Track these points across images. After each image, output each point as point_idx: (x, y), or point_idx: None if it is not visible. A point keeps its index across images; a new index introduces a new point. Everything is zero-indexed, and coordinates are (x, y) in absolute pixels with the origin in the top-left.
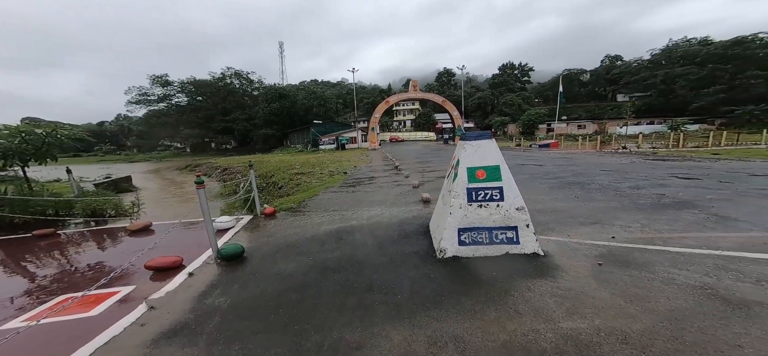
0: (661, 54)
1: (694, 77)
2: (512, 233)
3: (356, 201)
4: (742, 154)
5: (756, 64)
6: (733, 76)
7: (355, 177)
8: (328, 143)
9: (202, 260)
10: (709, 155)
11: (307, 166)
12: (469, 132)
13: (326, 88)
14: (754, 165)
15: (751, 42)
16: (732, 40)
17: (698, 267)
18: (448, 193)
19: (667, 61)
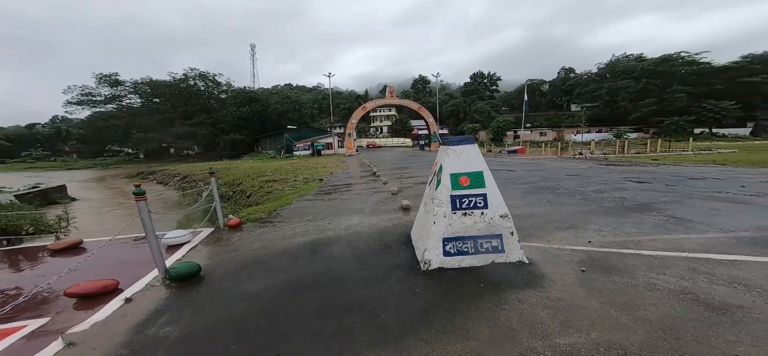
0: (606, 68)
1: (632, 90)
2: (497, 241)
3: (333, 210)
4: (676, 159)
5: (679, 80)
6: (662, 90)
7: (331, 184)
8: (303, 149)
9: (146, 283)
10: (650, 161)
11: (279, 173)
12: (452, 137)
13: (301, 92)
14: (688, 170)
15: (675, 60)
16: (660, 58)
17: (673, 270)
18: (431, 201)
19: (611, 74)
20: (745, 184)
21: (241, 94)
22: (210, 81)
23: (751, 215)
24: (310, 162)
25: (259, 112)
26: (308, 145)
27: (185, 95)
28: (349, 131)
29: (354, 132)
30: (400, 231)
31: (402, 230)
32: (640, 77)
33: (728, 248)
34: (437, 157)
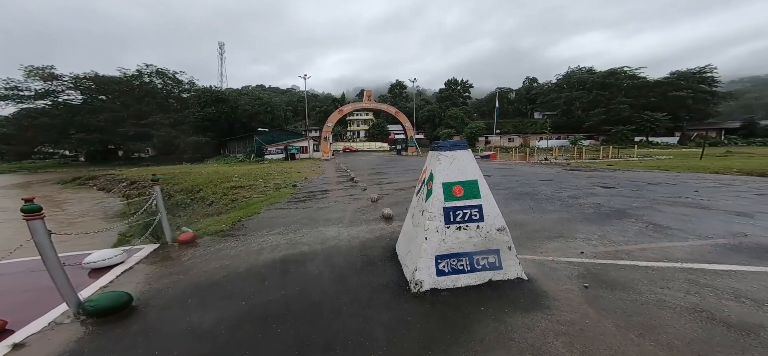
0: (563, 79)
1: (585, 100)
2: (494, 257)
3: (308, 220)
4: (626, 165)
5: (623, 92)
6: (610, 101)
7: (306, 190)
8: (276, 153)
9: (50, 320)
10: (605, 166)
11: (248, 178)
12: (443, 141)
13: (274, 94)
14: (642, 175)
15: (619, 74)
16: (607, 71)
17: (674, 283)
18: (421, 213)
19: (567, 85)
20: (697, 190)
21: (206, 93)
22: (169, 79)
23: (717, 221)
24: (283, 167)
25: (227, 113)
26: (281, 148)
27: (138, 93)
28: (325, 134)
29: (330, 136)
30: (384, 244)
31: (386, 243)
32: (591, 89)
33: (716, 257)
34: (427, 163)
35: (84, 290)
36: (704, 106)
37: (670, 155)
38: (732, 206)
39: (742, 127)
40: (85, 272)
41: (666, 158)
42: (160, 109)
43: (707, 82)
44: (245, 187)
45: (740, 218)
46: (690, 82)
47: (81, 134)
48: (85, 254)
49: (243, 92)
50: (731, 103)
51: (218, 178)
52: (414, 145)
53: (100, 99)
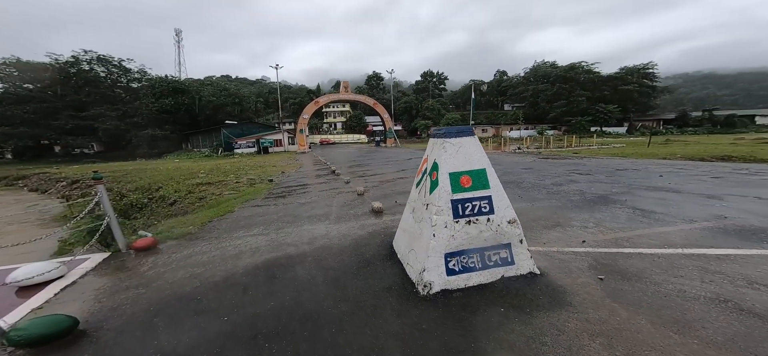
0: (530, 72)
1: (549, 93)
2: (506, 252)
3: (290, 217)
4: (589, 153)
5: (581, 86)
6: (570, 94)
7: (285, 185)
8: (247, 146)
9: None
10: (572, 154)
11: (217, 173)
12: (448, 127)
13: (242, 85)
14: (607, 162)
15: (578, 68)
16: (568, 66)
17: (685, 270)
18: (424, 207)
19: (534, 78)
20: (662, 174)
21: (162, 83)
22: (114, 67)
23: (694, 205)
24: (256, 161)
25: (188, 105)
26: (252, 142)
27: (76, 82)
28: (300, 126)
29: (306, 128)
30: (379, 241)
31: (381, 240)
32: (554, 82)
33: (710, 241)
34: (428, 152)
35: (9, 314)
36: (646, 99)
37: (623, 143)
38: (700, 190)
39: (676, 118)
40: (11, 291)
41: (620, 146)
42: (105, 100)
43: (649, 78)
44: (214, 183)
45: (712, 200)
46: (635, 77)
47: (4, 128)
48: (11, 270)
49: (206, 82)
50: (667, 96)
51: (181, 174)
52: (393, 136)
53: (25, 88)
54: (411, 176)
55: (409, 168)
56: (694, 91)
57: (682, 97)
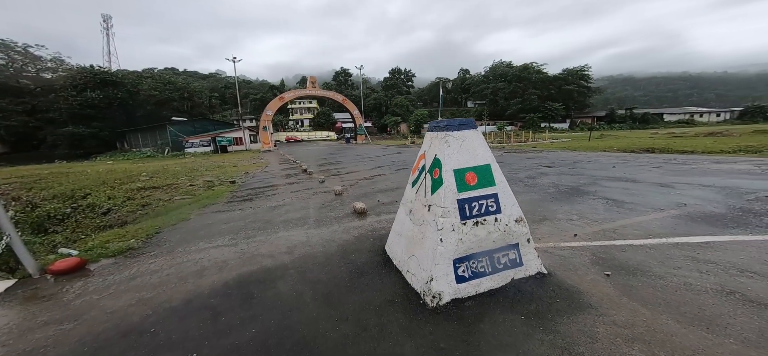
0: (490, 71)
1: (507, 91)
2: (514, 253)
3: (262, 223)
4: (544, 147)
5: (533, 85)
6: (524, 92)
7: (250, 187)
8: (201, 145)
9: None
10: (530, 148)
11: (164, 176)
12: (448, 120)
13: (192, 79)
14: (563, 155)
15: (530, 68)
16: (522, 66)
17: (677, 260)
18: (425, 209)
19: (493, 77)
20: (615, 165)
21: (84, 74)
22: (17, 54)
23: (654, 193)
24: (213, 161)
25: (122, 99)
26: (207, 140)
27: None
28: (264, 123)
29: (270, 125)
30: (369, 245)
31: (370, 244)
32: (511, 81)
33: (684, 229)
34: (425, 147)
35: None
36: (583, 98)
37: (569, 138)
38: (651, 179)
39: (606, 115)
40: None
41: (567, 140)
42: (6, 92)
43: (585, 79)
44: (161, 187)
45: (666, 188)
46: (575, 78)
47: None
48: None
49: (145, 74)
50: (598, 96)
51: (116, 178)
52: (363, 133)
53: None
54: (388, 173)
55: (384, 165)
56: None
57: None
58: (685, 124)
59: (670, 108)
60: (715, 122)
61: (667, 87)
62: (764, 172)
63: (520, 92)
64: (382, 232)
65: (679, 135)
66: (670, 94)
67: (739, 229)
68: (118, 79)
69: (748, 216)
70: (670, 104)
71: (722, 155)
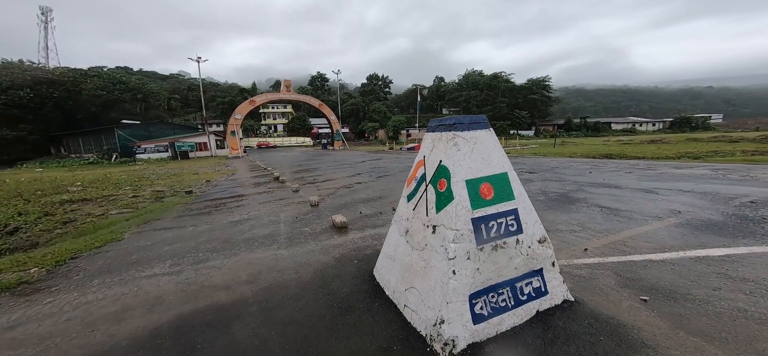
0: (463, 79)
1: (478, 99)
2: (538, 280)
3: (219, 242)
4: (517, 153)
5: (502, 93)
6: (494, 100)
7: (211, 197)
8: (156, 151)
9: None
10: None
11: (103, 186)
12: (456, 116)
13: (149, 79)
14: (538, 160)
15: (499, 77)
16: (492, 75)
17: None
18: (429, 230)
19: (466, 85)
20: (591, 170)
21: (11, 69)
22: None
23: (644, 200)
24: (170, 168)
25: (59, 99)
26: (164, 145)
27: None
28: (232, 128)
29: (239, 130)
30: (353, 269)
31: (355, 268)
32: (482, 89)
33: (694, 240)
34: (425, 152)
35: None
36: (545, 107)
37: (536, 144)
38: (631, 185)
39: (564, 123)
40: None
41: (535, 146)
42: None
43: (547, 89)
44: (95, 199)
45: (651, 195)
46: (538, 88)
47: None
48: None
49: (91, 73)
50: (557, 106)
51: (40, 189)
52: (340, 139)
53: None
54: (369, 181)
55: (364, 172)
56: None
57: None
58: (629, 132)
59: (616, 118)
60: (652, 130)
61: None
62: (725, 176)
63: (490, 99)
64: (368, 251)
65: (626, 142)
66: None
67: (750, 239)
68: (55, 77)
69: (747, 224)
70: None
71: (673, 161)
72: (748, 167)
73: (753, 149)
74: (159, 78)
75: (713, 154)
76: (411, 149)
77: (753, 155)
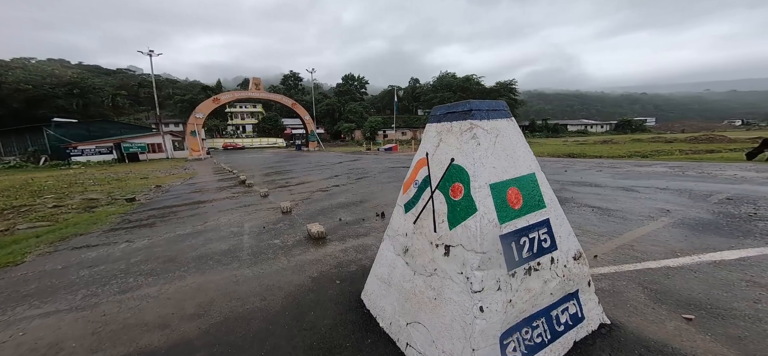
0: (437, 81)
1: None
2: (574, 305)
3: (158, 262)
4: None
5: (473, 96)
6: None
7: (159, 205)
8: (97, 153)
9: None
10: None
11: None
12: (472, 101)
13: (92, 74)
14: None
15: (471, 80)
16: (464, 78)
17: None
18: (438, 251)
19: (440, 86)
20: (566, 169)
21: None
22: None
23: (628, 198)
24: (113, 172)
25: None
26: (109, 147)
27: None
28: (192, 128)
29: (200, 129)
30: (334, 293)
31: (336, 290)
32: (455, 91)
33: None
34: (428, 148)
35: None
36: (512, 109)
37: None
38: (608, 183)
39: (529, 125)
40: None
41: None
42: None
43: (513, 92)
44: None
45: (633, 193)
46: (506, 91)
47: None
48: None
49: (14, 64)
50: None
51: None
52: (315, 139)
53: None
54: (347, 183)
55: (342, 174)
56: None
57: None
58: (582, 133)
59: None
60: (601, 132)
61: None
62: (685, 174)
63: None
64: (353, 268)
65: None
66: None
67: (751, 239)
68: None
69: (739, 223)
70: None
71: (628, 160)
72: (694, 165)
73: (687, 149)
74: (103, 73)
75: (656, 153)
76: (388, 149)
77: (688, 154)
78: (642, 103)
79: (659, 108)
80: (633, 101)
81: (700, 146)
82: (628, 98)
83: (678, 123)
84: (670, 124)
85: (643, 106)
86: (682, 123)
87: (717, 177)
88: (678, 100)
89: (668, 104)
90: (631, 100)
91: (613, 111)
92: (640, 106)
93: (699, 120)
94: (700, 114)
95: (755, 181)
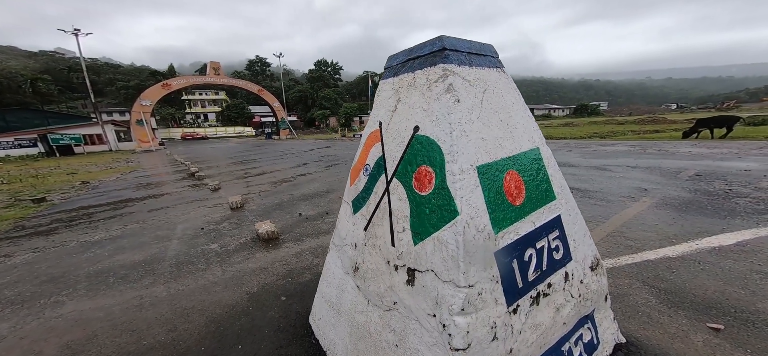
0: None
1: None
2: (590, 329)
3: (37, 281)
4: None
5: None
6: None
7: (76, 205)
8: (18, 146)
9: None
10: None
11: None
12: (448, 37)
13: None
14: None
15: None
16: None
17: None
18: (398, 276)
19: None
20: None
21: None
22: None
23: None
24: (33, 168)
25: None
26: (32, 139)
27: None
28: (138, 117)
29: (149, 118)
30: (276, 313)
31: (279, 311)
32: None
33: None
34: (381, 114)
35: None
36: None
37: None
38: (580, 162)
39: None
40: None
41: None
42: None
43: None
44: None
45: (606, 172)
46: None
47: None
48: None
49: None
50: None
51: None
52: (287, 127)
53: None
54: (315, 171)
55: (311, 162)
56: None
57: None
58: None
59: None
60: (563, 116)
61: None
62: (646, 152)
63: None
64: (306, 277)
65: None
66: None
67: (739, 219)
68: None
69: (718, 200)
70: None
71: (590, 140)
72: (650, 144)
73: (637, 129)
74: (22, 55)
75: (612, 133)
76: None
77: (639, 133)
78: (596, 89)
79: (610, 93)
80: (588, 87)
81: (647, 127)
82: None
83: (626, 107)
84: (619, 108)
85: (597, 92)
86: (629, 107)
87: (676, 154)
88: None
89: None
90: (586, 86)
91: (572, 96)
92: (594, 92)
93: (642, 104)
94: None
95: (713, 157)
